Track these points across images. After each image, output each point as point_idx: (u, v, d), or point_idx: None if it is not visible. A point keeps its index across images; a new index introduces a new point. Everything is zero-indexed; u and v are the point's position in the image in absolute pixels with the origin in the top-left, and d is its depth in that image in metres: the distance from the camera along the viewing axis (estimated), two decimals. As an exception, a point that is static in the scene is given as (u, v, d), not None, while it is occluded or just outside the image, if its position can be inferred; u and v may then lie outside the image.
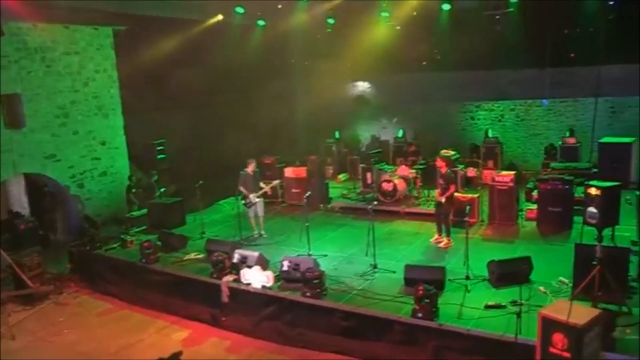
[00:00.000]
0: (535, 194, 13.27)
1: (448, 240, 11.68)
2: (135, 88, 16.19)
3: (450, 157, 14.55)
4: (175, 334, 9.96)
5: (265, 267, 10.35)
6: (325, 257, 11.21)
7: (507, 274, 9.33)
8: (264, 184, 12.96)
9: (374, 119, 21.33)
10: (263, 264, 10.31)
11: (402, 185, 14.80)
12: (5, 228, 12.99)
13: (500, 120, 19.16)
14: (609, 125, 16.86)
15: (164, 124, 17.46)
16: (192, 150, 17.97)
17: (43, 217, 14.33)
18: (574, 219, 11.95)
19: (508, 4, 16.09)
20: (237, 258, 10.56)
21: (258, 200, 12.79)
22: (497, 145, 17.56)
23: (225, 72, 18.12)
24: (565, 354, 6.47)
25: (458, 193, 12.68)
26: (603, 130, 16.40)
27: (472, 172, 15.86)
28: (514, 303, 8.44)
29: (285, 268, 9.98)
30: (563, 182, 12.56)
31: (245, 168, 12.76)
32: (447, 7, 16.49)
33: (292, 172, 15.77)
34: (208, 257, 11.29)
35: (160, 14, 15.81)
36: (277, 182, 13.99)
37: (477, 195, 13.33)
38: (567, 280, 9.04)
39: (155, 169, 16.04)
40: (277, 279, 10.01)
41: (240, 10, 17.21)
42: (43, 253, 12.01)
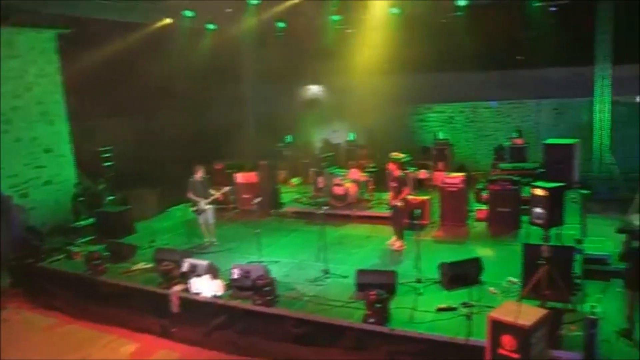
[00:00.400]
0: (485, 195, 13.46)
1: (401, 243, 11.72)
2: (82, 93, 15.66)
3: (402, 159, 14.60)
4: (124, 348, 9.65)
5: (216, 275, 10.16)
6: (277, 263, 11.11)
7: (458, 276, 9.43)
8: (214, 191, 12.75)
9: (326, 123, 21.31)
10: (213, 273, 10.13)
11: (353, 189, 14.81)
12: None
13: (451, 122, 19.41)
14: (554, 126, 17.34)
15: (112, 130, 17.05)
16: (141, 157, 17.53)
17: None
18: (523, 219, 12.15)
19: (456, 8, 16.33)
20: (186, 267, 10.35)
21: (208, 207, 12.58)
22: (447, 147, 17.75)
23: (175, 76, 17.77)
24: (514, 355, 6.56)
25: (410, 195, 12.74)
26: (549, 131, 16.85)
27: (423, 174, 15.97)
28: (465, 305, 8.52)
29: (236, 276, 9.82)
30: (512, 182, 12.80)
31: (194, 175, 12.54)
32: (397, 10, 16.59)
33: (243, 177, 15.60)
34: (157, 266, 11.03)
35: (107, 17, 15.40)
36: (227, 188, 13.77)
37: (428, 197, 13.44)
38: (516, 280, 9.17)
39: (103, 177, 15.61)
40: (227, 288, 9.85)
41: (189, 14, 16.93)
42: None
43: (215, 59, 19.05)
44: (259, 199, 12.04)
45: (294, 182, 18.40)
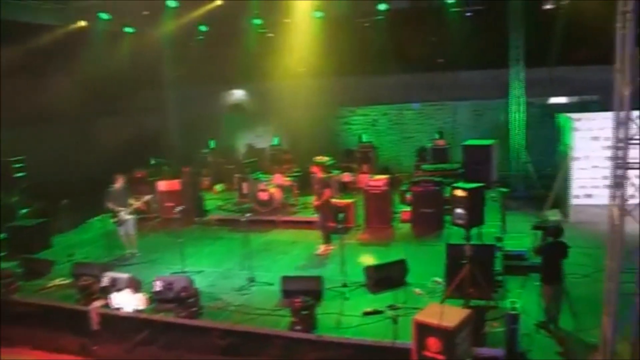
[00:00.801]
0: (409, 196, 13.65)
1: (327, 246, 11.69)
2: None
3: (325, 162, 14.66)
4: (40, 371, 9.16)
5: (138, 289, 9.78)
6: (201, 273, 10.85)
7: (383, 279, 9.51)
8: (135, 200, 12.31)
9: (250, 127, 21.10)
10: (135, 286, 9.74)
11: (278, 194, 14.70)
12: None
13: (374, 125, 19.63)
14: (474, 127, 17.86)
15: (25, 139, 16.12)
16: (57, 166, 16.72)
17: None
18: (445, 219, 12.39)
19: (377, 12, 16.54)
20: (106, 281, 9.90)
21: (129, 218, 12.12)
22: (371, 150, 17.94)
23: (92, 82, 17.07)
24: (439, 357, 6.63)
25: (334, 199, 12.74)
26: (470, 131, 17.31)
27: (347, 177, 16.01)
28: (391, 307, 8.58)
29: (158, 289, 9.51)
30: (434, 183, 13.04)
31: (113, 184, 12.06)
32: (319, 14, 16.62)
33: (165, 185, 15.14)
34: (75, 282, 10.52)
35: (17, 19, 14.65)
36: (148, 197, 13.34)
37: (353, 200, 13.49)
38: (440, 280, 9.32)
39: (15, 188, 14.77)
40: (150, 301, 9.51)
41: (105, 16, 16.34)
42: None
43: (135, 63, 18.45)
44: (182, 207, 11.75)
45: (218, 188, 18.07)
